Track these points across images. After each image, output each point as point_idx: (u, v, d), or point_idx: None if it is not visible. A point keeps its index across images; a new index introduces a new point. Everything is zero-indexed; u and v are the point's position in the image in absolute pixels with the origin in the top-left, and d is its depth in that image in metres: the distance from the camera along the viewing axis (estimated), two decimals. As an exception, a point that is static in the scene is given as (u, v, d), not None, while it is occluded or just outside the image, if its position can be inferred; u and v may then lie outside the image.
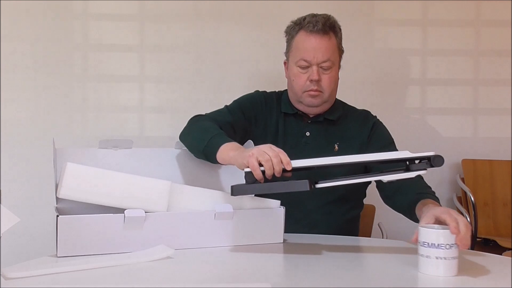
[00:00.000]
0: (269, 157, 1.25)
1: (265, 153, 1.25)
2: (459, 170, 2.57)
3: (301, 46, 1.61)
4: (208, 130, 1.46)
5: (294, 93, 1.67)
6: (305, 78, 1.61)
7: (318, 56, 1.59)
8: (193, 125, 1.57)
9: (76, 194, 1.28)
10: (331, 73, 1.61)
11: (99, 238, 1.24)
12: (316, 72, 1.59)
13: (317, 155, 1.65)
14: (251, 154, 1.25)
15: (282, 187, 1.24)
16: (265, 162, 1.24)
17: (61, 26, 2.36)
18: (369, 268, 1.24)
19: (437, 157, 1.25)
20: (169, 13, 2.43)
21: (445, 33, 2.60)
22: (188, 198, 1.37)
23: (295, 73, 1.63)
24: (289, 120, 1.70)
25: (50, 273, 1.09)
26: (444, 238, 1.08)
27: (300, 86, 1.63)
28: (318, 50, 1.59)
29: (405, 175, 1.26)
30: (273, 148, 1.27)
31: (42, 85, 2.35)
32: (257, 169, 1.24)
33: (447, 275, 1.09)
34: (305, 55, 1.60)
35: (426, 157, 1.25)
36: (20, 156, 2.33)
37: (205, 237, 1.33)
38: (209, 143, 1.41)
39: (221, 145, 1.37)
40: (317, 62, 1.59)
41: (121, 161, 1.46)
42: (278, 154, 1.25)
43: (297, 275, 1.14)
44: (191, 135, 1.52)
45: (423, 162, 1.26)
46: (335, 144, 1.67)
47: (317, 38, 1.59)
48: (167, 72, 2.44)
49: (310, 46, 1.59)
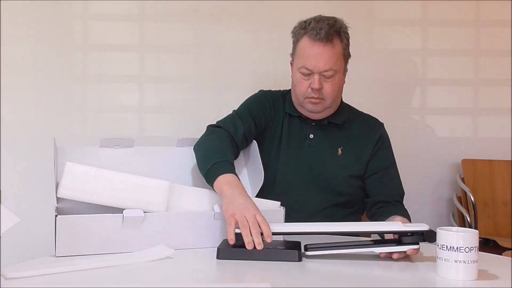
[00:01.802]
0: (247, 225, 1.25)
1: (245, 219, 1.26)
2: (459, 170, 2.57)
3: (303, 53, 1.59)
4: (213, 155, 1.46)
5: (296, 98, 1.66)
6: (307, 85, 1.59)
7: (320, 65, 1.56)
8: (206, 140, 1.56)
9: (75, 193, 1.28)
10: (333, 81, 1.59)
11: (98, 238, 1.24)
12: (317, 81, 1.57)
13: (320, 158, 1.66)
14: (231, 214, 1.27)
15: (271, 256, 1.22)
16: (242, 228, 1.25)
17: (61, 26, 2.36)
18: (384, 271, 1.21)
19: (430, 233, 1.22)
20: (169, 13, 2.42)
21: (445, 33, 2.60)
22: (187, 198, 1.37)
23: (298, 78, 1.62)
24: (293, 121, 1.69)
25: (50, 273, 1.09)
26: (463, 241, 1.06)
27: (302, 92, 1.61)
28: (320, 59, 1.56)
29: (397, 249, 1.23)
30: (256, 217, 1.26)
31: (42, 85, 2.35)
32: (230, 231, 1.25)
33: (467, 279, 1.06)
34: (307, 63, 1.57)
35: (419, 232, 1.23)
36: (20, 156, 2.33)
37: (204, 237, 1.33)
38: (210, 170, 1.42)
39: (219, 176, 1.38)
40: (318, 71, 1.57)
41: (122, 160, 1.46)
42: (257, 224, 1.25)
43: (297, 275, 1.14)
44: (200, 152, 1.52)
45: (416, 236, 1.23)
46: (339, 148, 1.66)
47: (320, 46, 1.56)
48: (167, 72, 2.44)
49: (312, 54, 1.57)
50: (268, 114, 1.69)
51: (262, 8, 2.46)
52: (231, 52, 2.45)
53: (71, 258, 1.19)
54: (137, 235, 1.27)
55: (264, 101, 1.70)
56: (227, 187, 1.35)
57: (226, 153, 1.49)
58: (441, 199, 2.62)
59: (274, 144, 1.68)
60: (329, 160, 1.66)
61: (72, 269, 1.11)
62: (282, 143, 1.67)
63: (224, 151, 1.49)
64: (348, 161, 1.65)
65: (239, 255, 1.22)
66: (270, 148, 1.67)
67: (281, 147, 1.67)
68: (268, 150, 1.65)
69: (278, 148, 1.67)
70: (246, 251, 1.23)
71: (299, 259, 1.21)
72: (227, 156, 1.48)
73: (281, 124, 1.69)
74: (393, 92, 2.60)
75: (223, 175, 1.38)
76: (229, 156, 1.49)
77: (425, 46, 2.60)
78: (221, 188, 1.36)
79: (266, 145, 1.66)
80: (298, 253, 1.22)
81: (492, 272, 1.14)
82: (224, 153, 1.48)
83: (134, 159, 1.48)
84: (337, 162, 1.65)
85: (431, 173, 2.59)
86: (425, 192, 2.58)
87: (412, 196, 2.63)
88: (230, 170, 1.40)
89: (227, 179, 1.37)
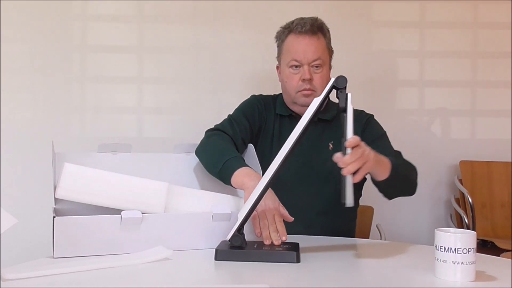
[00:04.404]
0: (267, 223, 1.32)
1: (265, 216, 1.33)
2: (457, 171, 2.57)
3: (291, 47, 1.66)
4: (224, 152, 1.49)
5: (288, 95, 1.70)
6: (298, 78, 1.65)
7: (309, 55, 1.63)
8: (210, 142, 1.58)
9: (73, 194, 1.28)
10: (322, 72, 1.65)
11: (96, 239, 1.24)
12: (307, 71, 1.63)
13: (312, 154, 1.67)
14: (255, 215, 1.34)
15: (269, 257, 1.22)
16: (262, 224, 1.33)
17: (59, 27, 2.37)
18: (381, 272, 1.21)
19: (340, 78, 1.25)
20: (167, 15, 2.43)
21: (443, 35, 2.60)
22: (186, 199, 1.37)
23: (287, 74, 1.67)
24: (284, 121, 1.73)
25: (49, 274, 1.08)
26: (461, 242, 1.06)
27: (293, 87, 1.66)
28: (308, 49, 1.63)
29: None
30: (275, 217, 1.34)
31: (40, 86, 2.35)
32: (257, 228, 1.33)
33: (464, 281, 1.06)
34: (296, 55, 1.64)
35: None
36: (18, 157, 2.33)
37: (202, 239, 1.32)
38: (223, 167, 1.44)
39: (236, 170, 1.41)
40: (308, 62, 1.63)
41: (120, 165, 1.47)
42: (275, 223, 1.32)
43: (295, 276, 1.14)
44: (207, 153, 1.54)
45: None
46: (330, 143, 1.69)
47: (306, 38, 1.64)
48: (165, 73, 2.44)
49: (300, 46, 1.64)
50: (261, 116, 1.72)
51: (261, 10, 2.46)
52: (229, 53, 2.46)
53: (70, 259, 1.19)
54: (135, 237, 1.26)
55: (256, 104, 1.75)
56: (248, 179, 1.37)
57: (234, 150, 1.53)
58: (439, 200, 2.63)
59: (267, 145, 1.71)
60: (321, 155, 1.68)
61: (71, 271, 1.11)
62: (273, 143, 1.70)
63: (231, 149, 1.53)
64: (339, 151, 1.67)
65: (237, 257, 1.22)
66: (264, 149, 1.70)
67: (273, 147, 1.69)
68: (261, 151, 1.67)
69: (270, 148, 1.70)
70: (244, 252, 1.23)
71: (297, 260, 1.21)
72: (236, 152, 1.51)
73: (273, 125, 1.73)
74: (391, 93, 2.61)
75: (240, 169, 1.41)
76: (238, 153, 1.52)
77: (423, 47, 2.61)
78: (242, 181, 1.38)
79: (260, 147, 1.69)
80: (297, 254, 1.22)
81: (490, 274, 1.14)
82: (232, 150, 1.52)
83: (132, 165, 1.48)
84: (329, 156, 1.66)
85: (429, 175, 2.60)
86: (423, 193, 2.58)
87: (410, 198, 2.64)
88: (244, 164, 1.44)
89: (245, 172, 1.40)
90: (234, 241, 1.25)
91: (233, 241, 1.25)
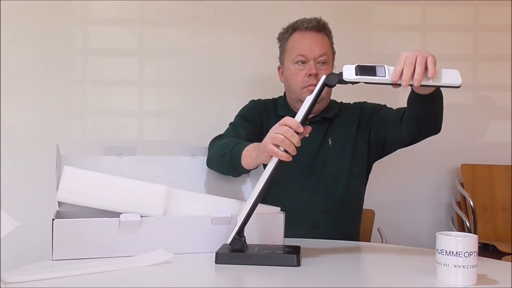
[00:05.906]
0: (282, 137, 1.20)
1: (277, 135, 1.21)
2: (458, 175, 2.57)
3: (296, 44, 1.66)
4: (226, 145, 1.47)
5: (293, 92, 1.69)
6: (303, 74, 1.65)
7: (315, 50, 1.64)
8: (213, 147, 1.57)
9: (73, 197, 1.28)
10: (327, 69, 1.65)
11: (95, 242, 1.24)
12: (314, 66, 1.63)
13: (315, 153, 1.67)
14: (266, 143, 1.23)
15: (270, 260, 1.21)
16: (281, 143, 1.20)
17: (60, 30, 2.37)
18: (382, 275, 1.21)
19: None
20: (168, 18, 2.43)
21: (444, 38, 2.60)
22: (185, 202, 1.37)
23: (292, 71, 1.66)
24: None
25: (50, 277, 1.08)
26: (463, 246, 1.05)
27: (298, 83, 1.65)
28: (314, 45, 1.64)
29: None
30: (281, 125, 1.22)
31: (41, 89, 2.35)
32: (278, 153, 1.21)
33: (466, 284, 1.06)
34: (302, 50, 1.64)
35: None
36: (20, 161, 2.33)
37: (202, 242, 1.32)
38: (231, 155, 1.42)
39: (242, 151, 1.38)
40: (314, 57, 1.64)
41: (125, 168, 1.47)
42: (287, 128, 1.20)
43: (295, 280, 1.14)
44: (214, 156, 1.52)
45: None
46: (329, 139, 1.69)
47: (312, 34, 1.66)
48: (166, 76, 2.44)
49: (306, 42, 1.65)
50: (262, 119, 1.72)
51: (262, 13, 2.46)
52: (230, 56, 2.46)
53: (70, 263, 1.19)
54: (134, 239, 1.26)
55: (255, 107, 1.74)
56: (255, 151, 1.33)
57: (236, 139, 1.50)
58: (440, 203, 2.62)
59: None
60: (323, 153, 1.68)
61: (71, 274, 1.11)
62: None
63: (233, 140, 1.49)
64: (338, 146, 1.69)
65: (238, 260, 1.22)
66: None
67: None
68: None
69: None
70: (245, 255, 1.23)
71: (297, 263, 1.21)
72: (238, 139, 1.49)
73: None
74: (392, 97, 2.60)
75: (245, 149, 1.38)
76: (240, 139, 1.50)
77: (424, 50, 2.60)
78: (251, 156, 1.34)
79: None
80: (297, 258, 1.21)
81: (491, 277, 1.14)
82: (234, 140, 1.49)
83: (137, 168, 1.48)
84: (329, 153, 1.69)
85: (430, 178, 2.59)
86: (424, 196, 2.58)
87: (411, 201, 2.64)
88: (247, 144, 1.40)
89: (251, 148, 1.36)
90: (234, 244, 1.25)
91: (234, 244, 1.25)
